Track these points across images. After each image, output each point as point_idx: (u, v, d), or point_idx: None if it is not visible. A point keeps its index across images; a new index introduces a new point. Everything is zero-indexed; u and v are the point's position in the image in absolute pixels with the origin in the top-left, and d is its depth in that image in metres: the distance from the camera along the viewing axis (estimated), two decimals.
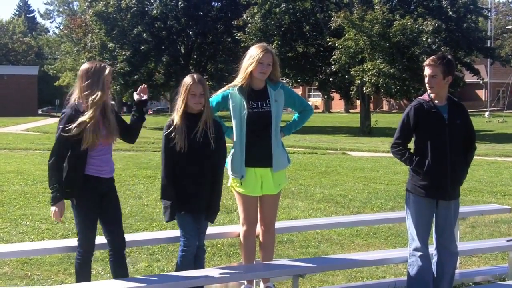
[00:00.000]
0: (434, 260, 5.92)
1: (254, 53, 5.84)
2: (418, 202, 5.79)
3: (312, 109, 6.44)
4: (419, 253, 5.77)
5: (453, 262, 5.96)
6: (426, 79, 5.80)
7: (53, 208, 5.35)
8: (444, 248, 5.87)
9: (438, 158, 5.66)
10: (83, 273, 5.53)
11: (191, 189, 5.62)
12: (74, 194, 5.38)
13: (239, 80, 5.90)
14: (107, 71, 5.42)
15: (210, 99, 5.93)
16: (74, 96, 5.45)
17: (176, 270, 5.76)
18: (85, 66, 5.47)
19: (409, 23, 32.48)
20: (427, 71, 5.77)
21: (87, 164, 5.37)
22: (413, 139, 5.90)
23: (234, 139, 5.90)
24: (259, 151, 5.85)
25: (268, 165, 5.88)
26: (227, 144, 5.78)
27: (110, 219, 5.59)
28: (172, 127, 5.57)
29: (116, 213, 5.65)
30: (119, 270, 5.65)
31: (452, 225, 5.91)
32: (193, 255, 5.71)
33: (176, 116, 5.59)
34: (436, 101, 5.81)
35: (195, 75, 5.70)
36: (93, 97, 5.29)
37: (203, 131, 5.58)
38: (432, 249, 5.93)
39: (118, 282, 5.35)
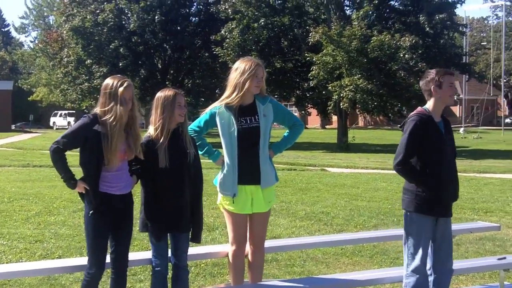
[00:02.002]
0: (431, 279, 5.79)
1: (247, 67, 5.67)
2: (422, 221, 5.61)
3: (303, 125, 6.27)
4: (420, 274, 5.62)
5: (449, 279, 5.85)
6: (452, 90, 5.68)
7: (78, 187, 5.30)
8: (441, 264, 5.74)
9: (443, 174, 5.55)
10: None
11: (171, 206, 5.47)
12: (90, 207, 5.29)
13: (234, 97, 5.72)
14: (124, 86, 5.29)
15: (198, 119, 5.85)
16: (95, 110, 5.38)
17: None
18: (107, 81, 5.38)
19: (386, 39, 32.59)
20: (453, 80, 5.68)
21: (101, 180, 5.27)
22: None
23: (225, 157, 5.75)
24: (248, 168, 5.72)
25: (257, 182, 5.74)
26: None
27: (119, 238, 5.46)
28: (152, 143, 5.43)
29: (127, 232, 5.54)
30: None
31: (451, 240, 5.82)
32: (165, 276, 5.57)
33: (156, 132, 5.44)
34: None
35: (172, 88, 5.59)
36: (111, 114, 5.22)
37: (183, 145, 5.49)
38: (427, 268, 5.80)
39: None
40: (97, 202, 5.25)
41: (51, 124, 75.99)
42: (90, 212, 5.27)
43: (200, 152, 5.84)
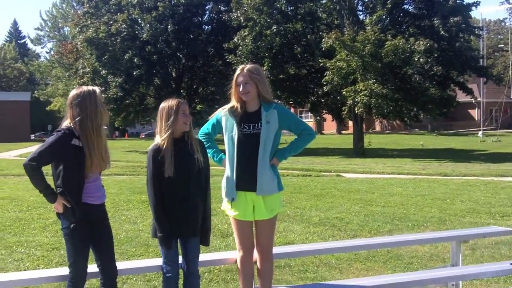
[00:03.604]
0: None
1: (234, 77, 5.78)
2: None
3: (313, 133, 6.10)
4: None
5: None
6: None
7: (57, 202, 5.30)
8: None
9: None
10: None
11: (179, 213, 5.52)
12: (72, 219, 5.28)
13: (234, 105, 5.81)
14: (99, 91, 5.37)
15: (206, 123, 5.92)
16: (65, 123, 5.34)
17: None
18: (73, 92, 5.36)
19: (401, 43, 32.40)
20: None
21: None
22: None
23: (227, 161, 5.79)
24: (247, 174, 5.70)
25: (254, 189, 5.71)
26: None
27: (102, 246, 5.47)
28: (159, 152, 5.48)
29: (108, 240, 5.54)
30: None
31: None
32: (177, 282, 5.60)
33: (162, 140, 5.49)
34: None
35: (175, 97, 5.67)
36: (92, 121, 5.25)
37: (190, 152, 5.54)
38: None
39: None
40: (80, 213, 5.25)
41: None
42: (72, 225, 5.27)
43: (208, 154, 5.92)
